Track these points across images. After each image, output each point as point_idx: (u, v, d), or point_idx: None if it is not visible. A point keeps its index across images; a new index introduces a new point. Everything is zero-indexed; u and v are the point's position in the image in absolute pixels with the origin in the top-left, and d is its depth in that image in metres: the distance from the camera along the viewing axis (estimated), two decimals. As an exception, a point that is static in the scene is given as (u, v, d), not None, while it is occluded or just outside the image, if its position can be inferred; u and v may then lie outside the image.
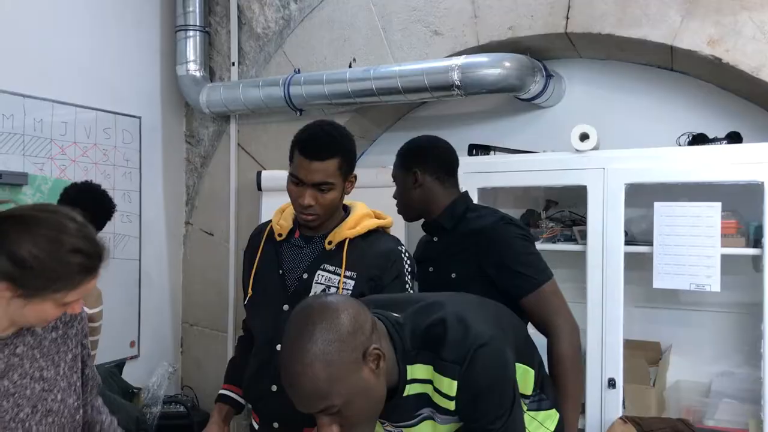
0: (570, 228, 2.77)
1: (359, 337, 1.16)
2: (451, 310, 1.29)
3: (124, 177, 3.44)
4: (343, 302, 1.20)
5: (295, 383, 1.13)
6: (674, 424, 2.33)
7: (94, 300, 2.31)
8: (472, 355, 1.21)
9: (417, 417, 1.32)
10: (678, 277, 2.40)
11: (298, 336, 1.14)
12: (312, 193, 1.62)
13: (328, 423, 1.16)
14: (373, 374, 1.18)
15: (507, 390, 1.26)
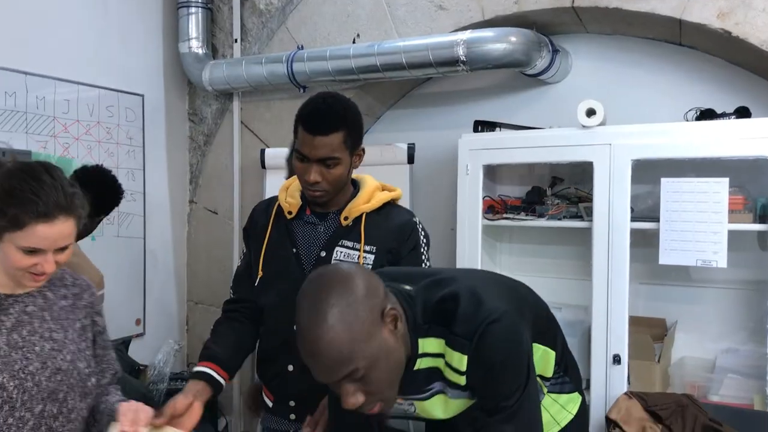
0: (576, 205, 2.76)
1: (374, 298, 1.15)
2: (465, 284, 1.28)
3: (128, 155, 3.43)
4: (353, 268, 1.19)
5: (317, 351, 1.11)
6: (679, 399, 2.33)
7: (96, 284, 2.30)
8: (483, 331, 1.19)
9: (428, 391, 1.31)
10: (684, 253, 2.39)
11: (314, 304, 1.12)
12: (318, 168, 1.58)
13: (353, 391, 1.14)
14: (393, 335, 1.17)
15: (521, 367, 1.23)
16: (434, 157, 3.23)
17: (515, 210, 2.87)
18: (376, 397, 1.18)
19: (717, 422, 2.23)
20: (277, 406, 1.71)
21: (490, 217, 2.82)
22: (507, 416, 1.20)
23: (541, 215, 2.78)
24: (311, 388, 1.60)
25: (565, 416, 1.52)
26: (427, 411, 1.34)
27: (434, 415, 1.34)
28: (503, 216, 2.84)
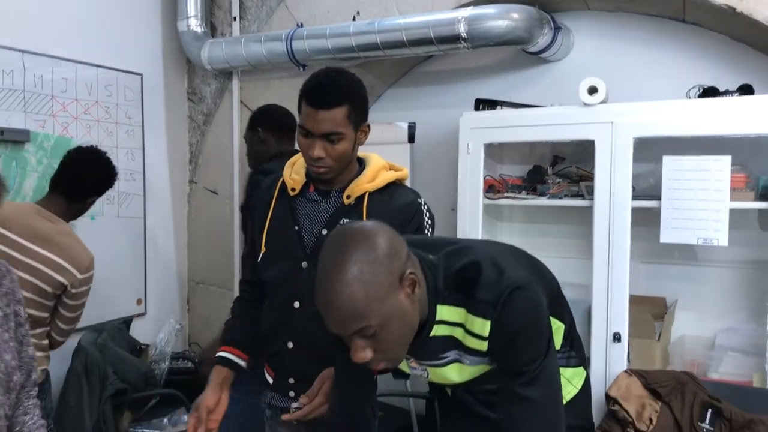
0: (577, 183, 2.75)
1: (395, 261, 1.15)
2: (486, 253, 1.28)
3: (127, 135, 3.41)
4: (380, 227, 1.19)
5: (333, 304, 1.13)
6: (678, 376, 2.34)
7: (86, 265, 2.30)
8: (507, 297, 1.20)
9: (443, 359, 1.32)
10: (685, 232, 2.38)
11: (336, 257, 1.13)
12: (321, 144, 1.56)
13: (363, 346, 1.16)
14: (409, 299, 1.17)
15: (542, 333, 1.25)
16: (435, 136, 3.21)
17: (516, 189, 2.87)
18: (384, 355, 1.19)
19: (716, 399, 2.24)
20: (277, 383, 1.71)
21: (491, 196, 2.81)
22: (529, 380, 1.22)
23: (542, 194, 2.78)
24: (310, 365, 1.63)
25: (570, 390, 1.53)
26: (441, 376, 1.35)
27: (449, 378, 1.35)
28: (504, 195, 2.83)
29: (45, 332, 2.30)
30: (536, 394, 1.22)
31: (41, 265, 2.20)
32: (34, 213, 2.26)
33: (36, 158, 2.94)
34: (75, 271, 2.25)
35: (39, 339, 2.27)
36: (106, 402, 2.85)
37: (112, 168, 2.42)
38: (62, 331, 2.35)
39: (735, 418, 2.18)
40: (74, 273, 2.25)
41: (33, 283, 2.19)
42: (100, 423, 2.84)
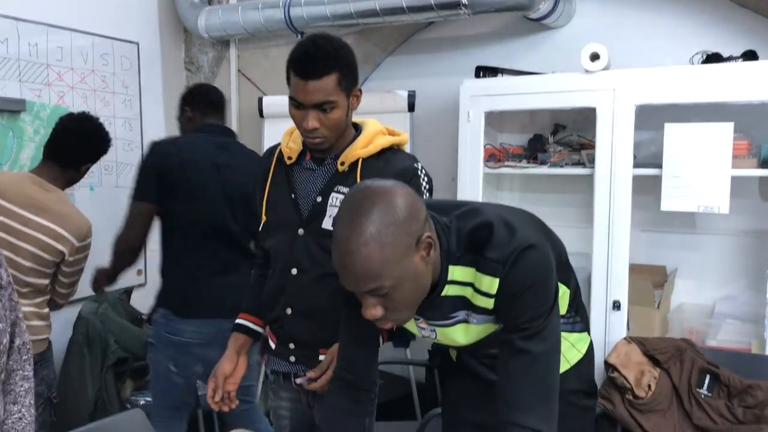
0: (578, 152, 2.73)
1: (414, 223, 1.15)
2: (498, 214, 1.28)
3: (124, 104, 3.37)
4: (402, 188, 1.19)
5: (349, 262, 1.13)
6: (677, 344, 2.36)
7: (84, 233, 2.30)
8: (517, 255, 1.21)
9: (452, 318, 1.33)
10: (686, 199, 2.38)
11: (355, 216, 1.13)
12: (315, 114, 1.54)
13: (374, 304, 1.17)
14: (423, 262, 1.18)
15: (548, 292, 1.25)
16: (435, 105, 3.18)
17: (517, 158, 2.85)
18: (394, 314, 1.21)
19: (714, 365, 2.26)
20: (278, 349, 1.73)
21: (491, 165, 2.80)
22: (531, 334, 1.23)
23: (542, 163, 2.76)
24: (309, 331, 1.64)
25: (574, 354, 1.54)
26: (448, 336, 1.36)
27: (455, 340, 1.37)
28: (505, 164, 2.82)
29: (45, 301, 2.31)
30: (536, 348, 1.23)
31: (40, 234, 2.19)
32: (30, 182, 2.25)
33: (33, 128, 2.92)
34: (73, 239, 2.25)
35: (40, 308, 2.28)
36: (107, 371, 2.87)
37: (104, 134, 2.39)
38: (62, 295, 2.37)
39: (733, 384, 2.20)
40: (72, 241, 2.25)
41: (33, 252, 2.19)
42: (102, 392, 2.86)
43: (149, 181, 2.34)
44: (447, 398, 1.73)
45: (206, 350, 2.33)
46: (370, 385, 1.45)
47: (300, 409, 1.79)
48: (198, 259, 2.35)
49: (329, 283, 1.57)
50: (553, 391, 1.25)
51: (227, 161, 2.39)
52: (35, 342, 2.26)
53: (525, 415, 1.21)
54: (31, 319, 2.24)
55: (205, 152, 2.39)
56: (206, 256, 2.35)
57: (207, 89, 2.64)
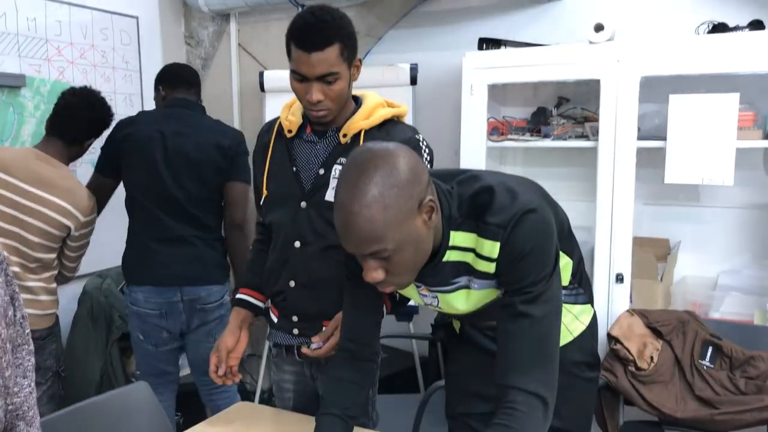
0: (581, 124, 2.71)
1: (416, 186, 1.15)
2: (499, 180, 1.28)
3: (125, 80, 3.35)
4: (405, 151, 1.18)
5: (351, 224, 1.12)
6: (680, 316, 2.36)
7: (89, 208, 2.30)
8: (518, 219, 1.20)
9: (453, 284, 1.32)
10: (690, 172, 2.36)
11: (358, 178, 1.13)
12: (318, 86, 1.53)
13: (375, 267, 1.17)
14: (425, 225, 1.18)
15: (549, 257, 1.24)
16: (438, 78, 3.15)
17: (520, 131, 2.83)
18: (395, 278, 1.20)
19: (717, 337, 2.26)
20: (281, 322, 1.73)
21: (494, 139, 2.78)
22: (531, 298, 1.22)
23: (546, 136, 2.74)
24: (311, 303, 1.65)
25: (577, 326, 1.54)
26: (450, 304, 1.36)
27: (456, 307, 1.36)
28: (508, 137, 2.80)
29: (53, 276, 2.32)
30: (536, 312, 1.22)
31: (47, 209, 2.20)
32: (35, 158, 2.25)
33: (33, 104, 2.90)
34: (79, 214, 2.26)
35: (47, 283, 2.29)
36: (112, 346, 2.89)
37: (107, 108, 2.39)
38: (69, 269, 2.40)
39: (735, 355, 2.20)
40: (78, 216, 2.26)
41: (40, 228, 2.20)
42: (108, 366, 2.89)
43: (106, 155, 2.51)
44: (450, 370, 1.74)
45: (163, 321, 2.45)
46: (373, 355, 1.46)
47: (303, 381, 1.80)
48: (148, 229, 2.45)
49: (332, 255, 1.57)
50: (553, 357, 1.24)
51: (176, 129, 2.44)
52: (44, 316, 2.28)
53: (524, 379, 1.20)
54: (39, 294, 2.26)
55: (154, 122, 2.48)
56: (155, 225, 2.44)
57: (178, 67, 2.71)
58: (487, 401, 1.33)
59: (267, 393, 3.43)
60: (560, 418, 1.50)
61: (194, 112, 2.55)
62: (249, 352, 3.64)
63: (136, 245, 2.48)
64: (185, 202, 2.43)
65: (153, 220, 2.44)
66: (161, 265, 2.42)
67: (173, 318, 2.46)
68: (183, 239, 2.44)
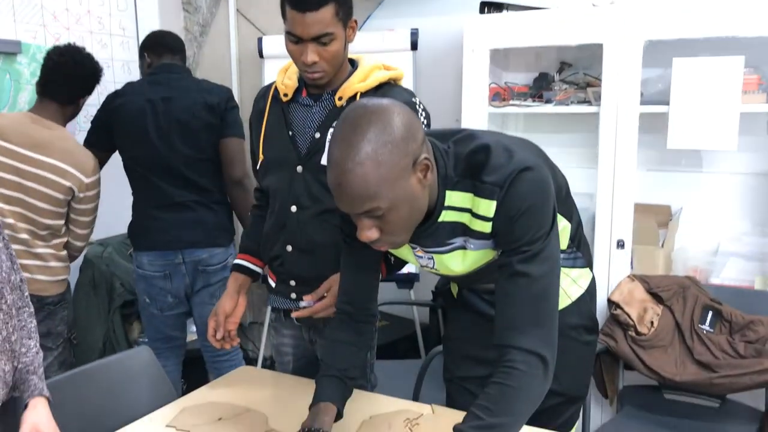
0: (584, 90, 2.68)
1: (411, 144, 1.13)
2: (495, 139, 1.26)
3: (122, 47, 3.31)
4: (400, 107, 1.16)
5: (345, 181, 1.10)
6: (681, 281, 2.36)
7: (91, 168, 2.29)
8: (514, 177, 1.19)
9: (449, 245, 1.31)
10: (693, 137, 2.34)
11: (352, 135, 1.11)
12: (314, 48, 1.51)
13: (369, 225, 1.16)
14: (420, 184, 1.16)
15: (547, 215, 1.22)
16: (439, 44, 3.11)
17: (522, 96, 2.80)
18: (389, 237, 1.19)
19: (717, 302, 2.27)
20: (279, 287, 1.74)
21: (496, 105, 2.75)
22: (529, 257, 1.20)
23: (548, 101, 2.72)
24: (309, 268, 1.65)
25: (576, 290, 1.54)
26: (445, 264, 1.36)
27: (452, 268, 1.36)
28: (509, 103, 2.77)
29: (62, 243, 2.32)
30: (534, 271, 1.20)
31: (46, 173, 2.19)
32: (30, 122, 2.23)
33: (29, 70, 2.86)
34: (80, 174, 2.25)
35: (57, 249, 2.29)
36: (114, 313, 2.91)
37: (95, 64, 2.34)
38: (80, 236, 2.37)
39: (735, 320, 2.21)
40: (79, 176, 2.25)
41: (43, 192, 2.19)
42: (110, 333, 2.91)
43: (95, 129, 2.53)
44: (448, 334, 1.75)
45: (168, 283, 2.50)
46: (371, 317, 1.46)
47: (302, 345, 1.81)
48: (148, 197, 2.49)
49: (329, 219, 1.57)
50: (552, 316, 1.23)
51: (163, 95, 2.45)
52: (55, 282, 2.29)
53: (522, 338, 1.18)
54: (49, 261, 2.26)
55: (141, 91, 2.48)
56: (154, 193, 2.47)
57: (162, 34, 2.70)
58: (484, 365, 1.33)
59: (269, 360, 3.46)
60: (558, 381, 1.50)
61: (179, 75, 2.54)
62: (251, 320, 3.66)
63: (139, 213, 2.54)
64: (181, 167, 2.44)
65: (152, 188, 2.47)
66: (161, 231, 2.46)
67: (177, 280, 2.49)
68: (182, 205, 2.46)
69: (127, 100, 2.46)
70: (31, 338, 1.45)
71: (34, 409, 1.33)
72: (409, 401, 1.64)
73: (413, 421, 1.50)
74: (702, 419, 2.21)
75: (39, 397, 1.35)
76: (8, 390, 1.37)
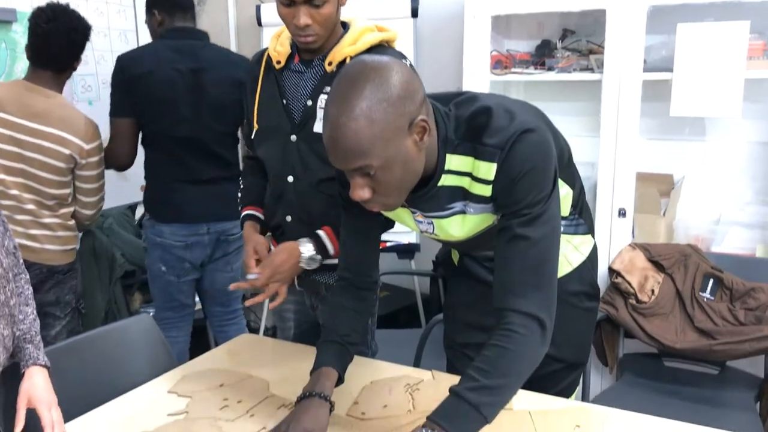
0: (586, 57, 2.65)
1: (408, 104, 1.11)
2: (497, 101, 1.24)
3: (119, 15, 3.27)
4: (399, 65, 1.14)
5: (337, 137, 1.09)
6: (682, 249, 2.36)
7: (91, 134, 2.27)
8: (515, 139, 1.17)
9: (448, 209, 1.30)
10: (697, 104, 2.32)
11: (348, 90, 1.10)
12: (306, 10, 1.48)
13: (362, 184, 1.15)
14: (416, 146, 1.15)
15: (548, 178, 1.21)
16: (439, 10, 3.07)
17: (524, 64, 2.77)
18: (382, 198, 1.18)
19: (718, 269, 2.27)
20: None
21: (497, 72, 2.72)
22: (529, 220, 1.19)
23: (550, 68, 2.69)
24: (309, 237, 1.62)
25: (577, 257, 1.53)
26: (445, 229, 1.35)
27: (451, 233, 1.35)
28: (511, 71, 2.74)
29: (70, 212, 2.31)
30: (534, 234, 1.19)
31: (46, 142, 2.17)
32: (26, 90, 2.20)
33: (25, 40, 2.82)
34: (79, 141, 2.22)
35: (65, 219, 2.29)
36: (115, 283, 2.91)
37: (83, 23, 2.26)
38: (85, 205, 2.35)
39: (735, 287, 2.21)
40: (79, 143, 2.22)
41: (44, 162, 2.18)
42: (112, 304, 2.92)
43: (121, 95, 2.38)
44: (449, 302, 1.75)
45: (187, 253, 2.46)
46: (372, 284, 1.45)
47: (304, 311, 1.82)
48: (171, 169, 2.42)
49: (326, 189, 1.56)
50: (552, 279, 1.22)
51: (191, 65, 2.38)
52: (63, 252, 2.29)
53: (521, 301, 1.17)
54: (57, 230, 2.26)
55: (168, 60, 2.38)
56: (179, 166, 2.41)
57: None
58: (485, 331, 1.32)
59: (270, 330, 3.48)
60: (558, 348, 1.51)
61: (203, 43, 2.47)
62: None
63: (160, 185, 2.46)
64: (211, 142, 2.41)
65: (178, 163, 2.41)
66: (188, 204, 2.41)
67: (198, 249, 2.48)
68: (209, 181, 2.43)
69: (154, 68, 2.35)
70: (28, 305, 1.45)
71: (30, 379, 1.33)
72: (410, 367, 1.65)
73: (413, 386, 1.51)
74: (701, 386, 2.22)
75: (35, 366, 1.35)
76: (8, 355, 1.37)
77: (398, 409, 1.41)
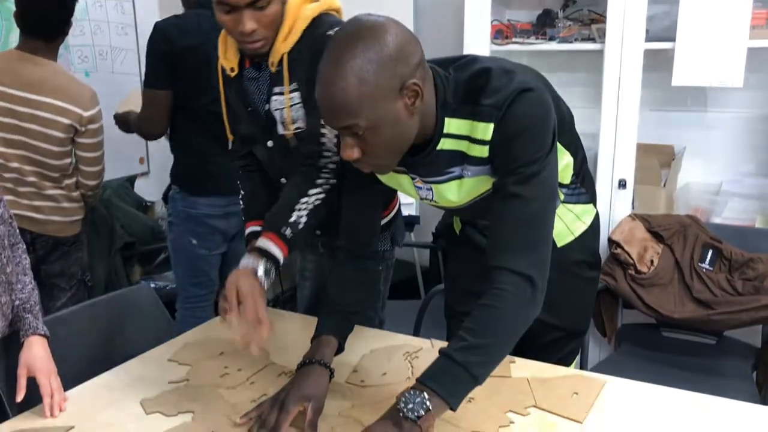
0: (588, 26, 2.62)
1: (401, 67, 1.10)
2: (497, 63, 1.23)
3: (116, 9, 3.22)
4: (396, 27, 1.12)
5: (327, 94, 1.09)
6: (682, 220, 2.36)
7: (88, 101, 2.24)
8: (513, 98, 1.16)
9: (447, 174, 1.29)
10: (699, 73, 2.30)
11: (340, 48, 1.10)
12: (250, 15, 1.36)
13: (351, 144, 1.14)
14: (407, 110, 1.13)
15: (545, 137, 1.19)
16: (439, -20, 3.03)
17: (525, 34, 2.74)
18: (371, 159, 1.18)
19: (717, 240, 2.27)
20: None
21: (498, 43, 2.69)
22: (524, 178, 1.17)
23: (551, 38, 2.66)
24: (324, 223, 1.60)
25: (579, 226, 1.52)
26: (443, 195, 1.34)
27: (448, 198, 1.34)
28: (512, 41, 2.71)
29: (74, 183, 2.30)
30: (529, 193, 1.17)
31: (44, 112, 2.15)
32: (19, 60, 2.17)
33: (20, 9, 2.80)
34: (78, 109, 2.20)
35: (69, 190, 2.28)
36: (115, 255, 2.92)
37: None
38: (88, 174, 2.32)
39: (735, 258, 2.21)
40: (78, 111, 2.20)
41: (43, 132, 2.16)
42: (112, 275, 2.93)
43: (158, 66, 2.29)
44: (450, 271, 1.75)
45: (222, 222, 2.42)
46: (374, 254, 1.45)
47: (321, 273, 1.82)
48: (205, 141, 2.35)
49: None
50: (545, 239, 1.20)
51: None
52: (69, 224, 2.28)
53: (512, 259, 1.15)
54: (61, 202, 2.25)
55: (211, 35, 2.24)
56: (212, 137, 2.32)
57: None
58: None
59: (272, 303, 3.49)
60: (559, 317, 1.52)
61: None
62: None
63: (193, 158, 2.39)
64: None
65: (214, 136, 2.29)
66: (224, 177, 2.30)
67: (236, 219, 2.41)
68: None
69: (198, 43, 2.23)
70: (26, 275, 1.45)
71: (29, 348, 1.34)
72: (410, 336, 1.66)
73: (413, 355, 1.52)
74: (699, 355, 2.24)
75: (35, 336, 1.36)
76: (8, 323, 1.38)
77: (397, 377, 1.42)
